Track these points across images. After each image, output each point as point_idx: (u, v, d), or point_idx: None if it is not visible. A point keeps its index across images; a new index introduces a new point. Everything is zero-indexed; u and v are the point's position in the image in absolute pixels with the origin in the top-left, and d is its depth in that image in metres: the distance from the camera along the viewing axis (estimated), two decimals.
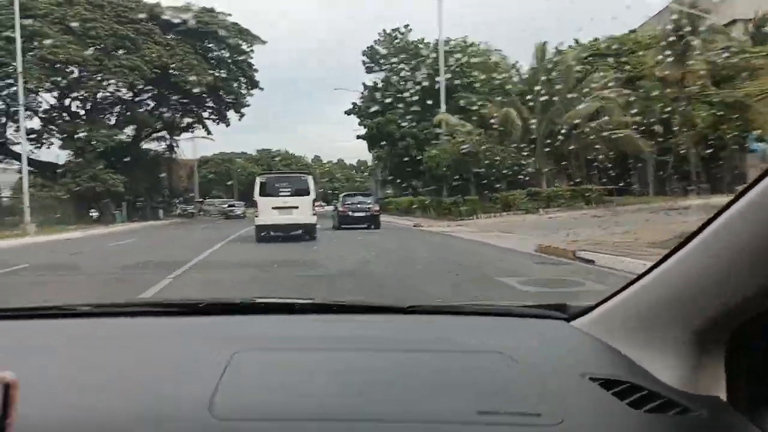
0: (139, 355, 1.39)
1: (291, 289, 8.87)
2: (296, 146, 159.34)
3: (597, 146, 29.85)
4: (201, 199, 61.05)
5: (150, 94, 48.37)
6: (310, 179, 19.14)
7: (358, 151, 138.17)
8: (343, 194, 29.50)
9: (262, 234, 18.59)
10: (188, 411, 1.09)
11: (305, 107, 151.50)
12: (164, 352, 1.42)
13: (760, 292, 0.93)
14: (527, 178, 31.51)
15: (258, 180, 19.18)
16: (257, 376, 1.25)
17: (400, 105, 46.93)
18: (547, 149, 30.84)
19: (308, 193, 18.71)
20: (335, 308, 1.75)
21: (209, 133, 56.43)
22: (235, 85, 50.65)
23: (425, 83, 44.71)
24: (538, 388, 1.14)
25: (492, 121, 30.61)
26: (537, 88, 30.52)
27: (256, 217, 18.82)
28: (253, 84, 50.06)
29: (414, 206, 37.92)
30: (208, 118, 55.78)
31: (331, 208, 33.42)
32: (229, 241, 20.62)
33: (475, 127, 29.61)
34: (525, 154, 30.10)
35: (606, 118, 29.93)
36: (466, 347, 1.40)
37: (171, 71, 41.96)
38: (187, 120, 56.30)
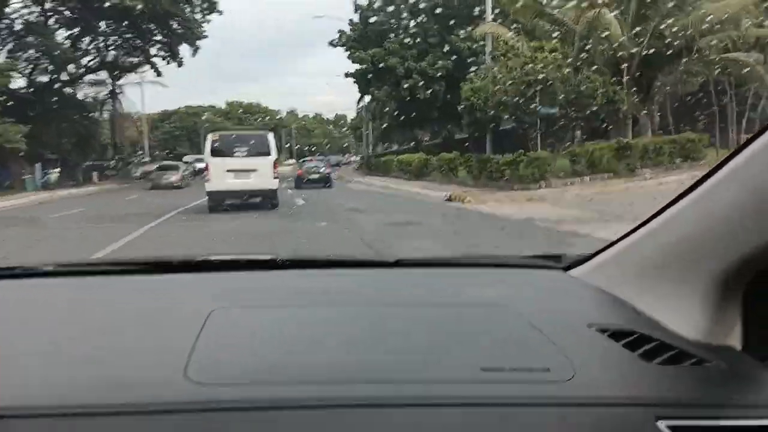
0: (109, 316, 1.28)
1: None
2: (270, 100, 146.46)
3: (718, 72, 19.11)
4: (146, 160, 48.83)
5: (65, 16, 35.88)
6: (270, 137, 16.62)
7: (336, 105, 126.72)
8: (302, 159, 34.46)
9: (214, 203, 15.91)
10: (162, 375, 0.99)
11: (280, 58, 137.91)
12: (135, 312, 1.30)
13: None
14: (605, 124, 20.67)
15: (209, 138, 16.41)
16: (236, 335, 1.15)
17: (404, 32, 35.54)
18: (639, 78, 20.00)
19: (268, 154, 16.11)
20: (320, 263, 1.65)
21: (159, 74, 44.28)
22: (188, 8, 38.50)
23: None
24: (544, 341, 1.05)
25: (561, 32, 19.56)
26: None
27: (207, 182, 16.04)
28: (211, 7, 37.86)
29: (429, 165, 26.81)
30: (155, 55, 43.69)
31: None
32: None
33: (542, 44, 18.44)
34: (613, 84, 19.13)
35: (734, 32, 19.05)
36: (461, 300, 1.32)
37: None
38: (129, 59, 44.08)
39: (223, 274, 1.59)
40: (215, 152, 15.84)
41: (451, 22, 32.48)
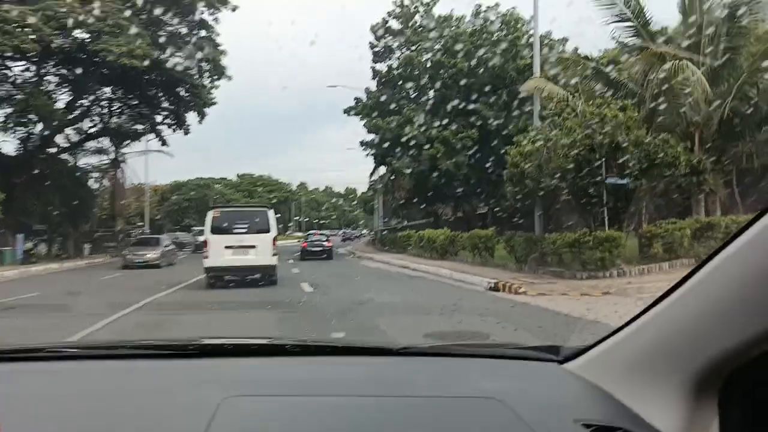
0: (125, 400, 1.30)
1: None
2: (281, 172, 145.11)
3: None
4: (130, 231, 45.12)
5: (65, 77, 33.20)
6: (270, 214, 16.08)
7: (346, 180, 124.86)
8: (307, 233, 36.24)
9: (212, 279, 15.50)
10: None
11: (292, 133, 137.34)
12: (151, 397, 1.33)
13: (755, 337, 0.88)
14: (684, 197, 16.98)
15: (209, 214, 16.01)
16: (247, 423, 1.19)
17: (424, 100, 32.62)
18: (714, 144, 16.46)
19: (268, 231, 15.65)
20: (327, 350, 1.68)
21: (164, 142, 41.50)
22: (195, 74, 35.96)
23: (465, 65, 30.42)
24: None
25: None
26: (705, 36, 16.19)
27: (205, 258, 15.40)
28: (219, 71, 35.22)
29: (456, 242, 23.02)
30: (161, 123, 40.99)
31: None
32: None
33: (608, 100, 14.89)
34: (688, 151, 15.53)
35: None
36: (457, 392, 1.33)
37: (86, 38, 27.30)
38: (133, 126, 41.41)
39: (233, 360, 1.58)
40: (215, 229, 15.58)
41: (480, 90, 29.58)
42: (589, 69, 17.45)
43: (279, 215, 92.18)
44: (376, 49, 34.38)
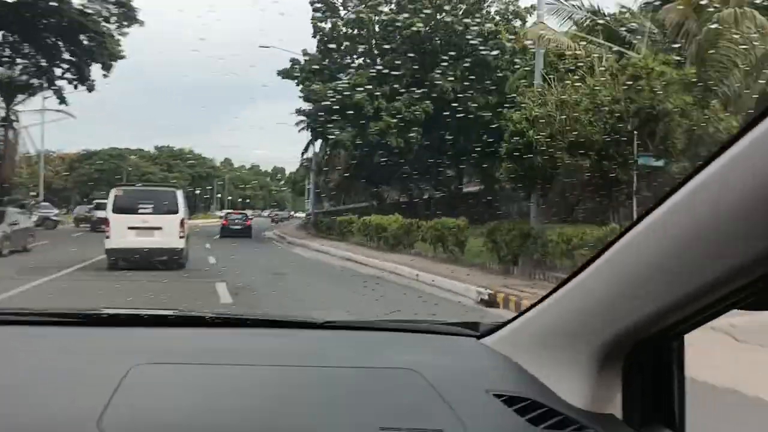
0: (29, 367, 1.25)
1: None
2: (204, 147, 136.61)
3: None
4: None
5: None
6: (179, 194, 15.54)
7: (275, 159, 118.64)
8: (227, 212, 37.98)
9: (113, 260, 14.60)
10: (75, 428, 1.01)
11: (218, 105, 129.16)
12: (57, 365, 1.27)
13: (655, 314, 0.92)
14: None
15: (112, 193, 15.39)
16: (154, 391, 1.17)
17: (372, 65, 28.14)
18: None
19: (176, 212, 15.01)
20: (248, 322, 1.64)
21: (63, 101, 35.16)
22: (101, 19, 29.96)
23: (421, 27, 26.10)
24: (444, 405, 1.12)
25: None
26: None
27: (107, 238, 14.53)
28: (129, 16, 29.36)
29: (412, 233, 18.84)
30: (61, 77, 34.65)
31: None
32: None
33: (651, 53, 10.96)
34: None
35: None
36: (377, 364, 1.35)
37: None
38: (27, 79, 34.86)
39: (147, 330, 1.54)
40: (118, 208, 14.93)
41: (438, 57, 25.44)
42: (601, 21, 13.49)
43: (199, 192, 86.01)
44: (318, 4, 29.42)
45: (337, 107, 26.19)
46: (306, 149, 43.09)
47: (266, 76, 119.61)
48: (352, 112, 25.51)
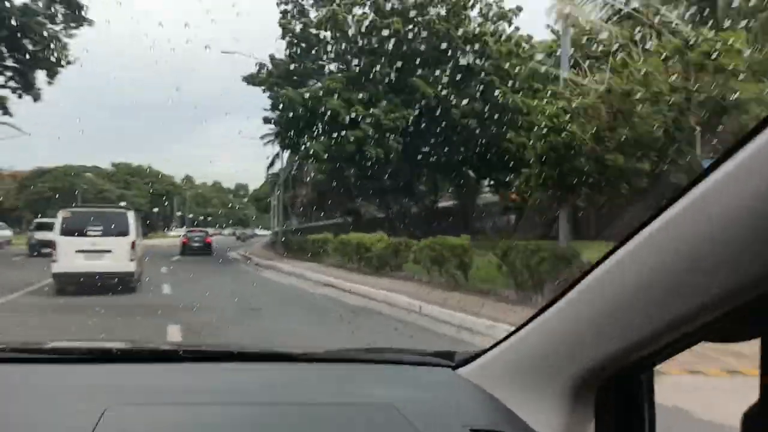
0: (2, 407, 1.20)
1: None
2: (163, 164, 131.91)
3: None
4: None
5: None
6: (130, 215, 14.83)
7: (237, 176, 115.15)
8: (188, 230, 37.49)
9: (60, 285, 13.90)
10: None
11: (179, 122, 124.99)
12: (28, 407, 1.20)
13: (624, 348, 0.92)
14: None
15: (59, 215, 14.79)
16: None
17: (348, 70, 25.72)
18: None
19: (126, 233, 14.44)
20: (223, 356, 1.58)
21: (6, 111, 31.72)
22: (47, 20, 26.87)
23: (401, 28, 23.82)
24: None
25: None
26: None
27: (54, 262, 13.99)
28: (77, 17, 26.34)
29: (401, 253, 16.33)
30: (3, 86, 31.29)
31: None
32: None
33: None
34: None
35: None
36: (356, 399, 1.31)
37: None
38: None
39: (121, 366, 1.48)
40: (65, 230, 14.26)
41: (420, 61, 23.19)
42: None
43: (158, 210, 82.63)
44: (286, 5, 26.89)
45: (310, 114, 23.67)
46: (272, 163, 40.39)
47: (230, 90, 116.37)
48: (325, 119, 23.02)
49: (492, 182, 26.33)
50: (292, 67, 25.89)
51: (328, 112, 23.03)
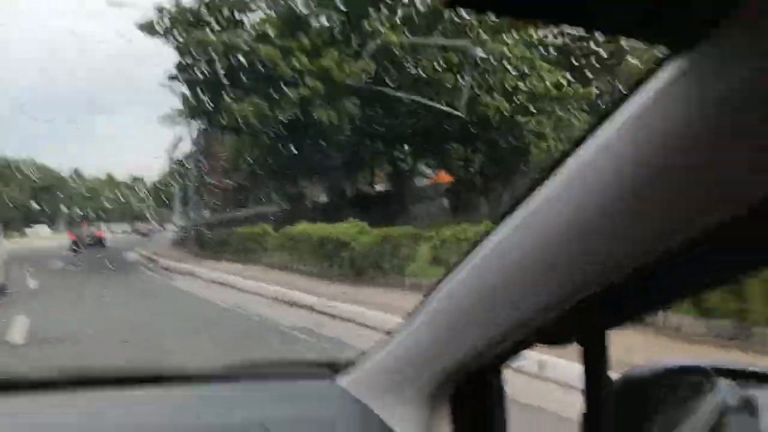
0: None
1: None
2: (48, 156, 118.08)
3: None
4: None
5: None
6: None
7: (132, 169, 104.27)
8: (79, 227, 38.04)
9: None
10: None
11: (66, 109, 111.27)
12: None
13: (472, 353, 0.95)
14: None
15: None
16: None
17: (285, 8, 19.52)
18: None
19: None
20: (84, 381, 1.37)
21: None
22: None
23: None
24: None
25: None
26: None
27: None
28: None
29: (382, 254, 10.79)
30: None
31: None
32: None
33: None
34: None
35: None
36: (218, 420, 1.22)
37: None
38: None
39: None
40: None
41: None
42: None
43: (40, 207, 73.41)
44: None
45: (233, 68, 17.46)
46: (176, 146, 33.53)
47: (127, 81, 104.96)
48: (256, 73, 16.93)
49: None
50: (203, 8, 19.35)
51: (260, 65, 16.97)
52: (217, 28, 18.58)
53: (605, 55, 17.40)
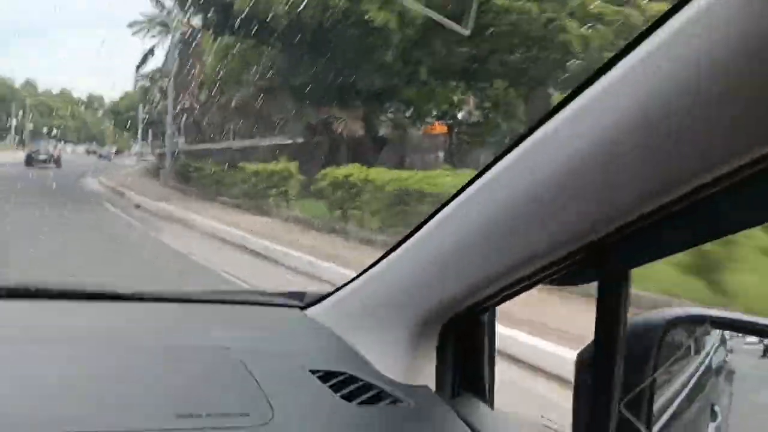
0: None
1: None
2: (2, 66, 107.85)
3: None
4: None
5: None
6: None
7: (90, 85, 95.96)
8: (34, 143, 34.10)
9: None
10: None
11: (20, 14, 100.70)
12: None
13: (466, 289, 0.93)
14: None
15: None
16: None
17: None
18: None
19: None
20: (46, 293, 1.34)
21: None
22: None
23: None
24: (252, 385, 1.02)
25: None
26: None
27: None
28: None
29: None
30: None
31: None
32: None
33: None
34: None
35: None
36: (186, 341, 1.18)
37: None
38: None
39: None
40: None
41: None
42: None
43: None
44: None
45: None
46: (145, 60, 28.11)
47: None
48: None
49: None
50: None
51: None
52: None
53: None
